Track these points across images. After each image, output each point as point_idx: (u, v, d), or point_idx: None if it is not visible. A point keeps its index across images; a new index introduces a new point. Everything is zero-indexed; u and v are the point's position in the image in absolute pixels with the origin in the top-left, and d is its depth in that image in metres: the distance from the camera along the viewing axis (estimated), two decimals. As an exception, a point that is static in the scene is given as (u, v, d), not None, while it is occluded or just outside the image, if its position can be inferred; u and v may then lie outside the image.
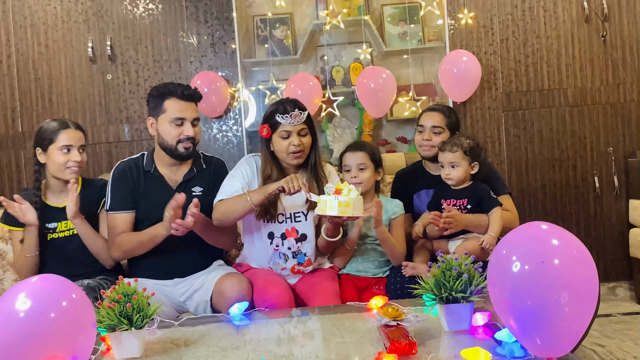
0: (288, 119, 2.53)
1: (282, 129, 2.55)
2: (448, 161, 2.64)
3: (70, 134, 2.69)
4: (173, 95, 2.61)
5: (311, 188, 2.60)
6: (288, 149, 2.55)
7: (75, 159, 2.68)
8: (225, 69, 4.15)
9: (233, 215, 2.51)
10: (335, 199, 2.24)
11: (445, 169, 2.65)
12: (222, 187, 2.60)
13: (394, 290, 2.54)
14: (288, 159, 2.57)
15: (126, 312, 1.78)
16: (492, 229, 2.55)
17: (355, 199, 2.26)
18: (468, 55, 3.89)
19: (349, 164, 2.75)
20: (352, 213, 2.25)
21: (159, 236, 2.53)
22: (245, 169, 2.63)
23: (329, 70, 4.31)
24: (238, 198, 2.49)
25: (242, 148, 4.13)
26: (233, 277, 2.52)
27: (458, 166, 2.63)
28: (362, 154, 2.74)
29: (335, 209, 2.24)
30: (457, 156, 2.62)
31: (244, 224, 2.72)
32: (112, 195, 2.67)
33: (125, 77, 4.12)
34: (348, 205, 2.23)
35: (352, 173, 2.72)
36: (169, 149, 2.63)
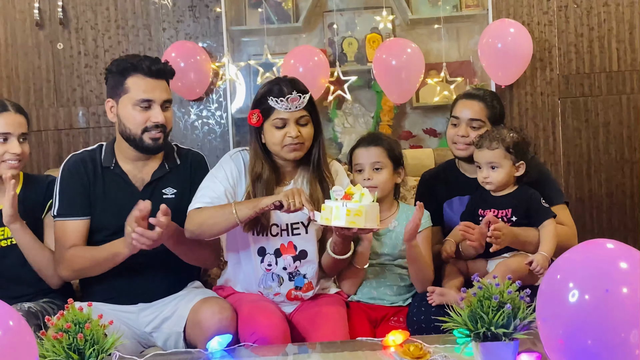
0: (284, 104, 2.53)
1: (277, 116, 2.55)
2: (486, 161, 2.63)
3: (8, 119, 2.70)
4: (137, 71, 2.61)
5: (313, 191, 2.60)
6: (283, 141, 2.55)
7: (14, 151, 2.69)
8: (208, 39, 4.16)
9: (212, 229, 2.51)
10: (344, 206, 2.23)
11: (483, 170, 2.65)
12: (200, 190, 2.60)
13: (417, 322, 2.54)
14: (283, 152, 2.57)
15: (77, 345, 1.78)
16: (543, 247, 2.55)
17: (369, 206, 2.25)
18: (516, 27, 3.89)
19: (361, 162, 2.75)
20: (364, 224, 2.25)
21: (120, 255, 2.53)
22: (230, 167, 2.64)
23: (339, 42, 4.31)
24: (221, 209, 2.48)
25: (226, 139, 4.14)
26: (213, 304, 2.51)
27: (499, 167, 2.63)
28: (378, 150, 2.75)
29: (343, 218, 2.23)
30: (497, 154, 2.62)
31: (228, 237, 2.72)
32: (62, 198, 2.67)
33: (80, 47, 4.13)
34: (359, 214, 2.22)
35: (364, 174, 2.73)
36: (133, 139, 2.63)
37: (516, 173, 2.66)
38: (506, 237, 2.56)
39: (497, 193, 2.68)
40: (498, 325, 1.80)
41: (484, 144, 2.64)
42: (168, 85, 2.69)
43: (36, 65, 4.13)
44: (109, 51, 4.13)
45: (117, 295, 2.65)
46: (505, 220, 2.63)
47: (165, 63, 2.68)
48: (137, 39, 4.14)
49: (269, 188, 2.58)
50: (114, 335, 1.87)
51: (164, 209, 2.41)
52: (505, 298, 1.81)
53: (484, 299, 1.83)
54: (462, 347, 1.91)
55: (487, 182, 2.65)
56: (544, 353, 1.74)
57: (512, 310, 1.80)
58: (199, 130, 4.19)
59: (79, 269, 2.62)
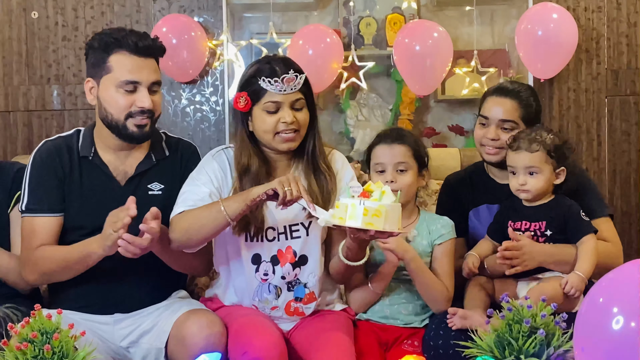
0: (278, 85, 2.52)
1: (269, 99, 2.55)
2: (524, 165, 2.62)
3: None
4: (122, 48, 2.61)
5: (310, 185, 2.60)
6: (276, 128, 2.55)
7: None
8: (204, 13, 4.17)
9: (200, 233, 2.51)
10: (361, 204, 2.21)
11: (519, 176, 2.64)
12: (182, 195, 2.60)
13: (434, 347, 2.54)
14: (275, 142, 2.57)
15: (43, 357, 1.80)
16: (580, 267, 2.54)
17: (390, 206, 2.23)
18: (560, 12, 3.90)
19: (384, 162, 2.74)
20: (382, 226, 2.22)
21: (93, 256, 2.53)
22: (213, 168, 2.64)
23: (355, 22, 4.33)
24: (207, 209, 2.48)
25: (222, 129, 4.16)
26: (200, 317, 2.51)
27: (539, 173, 2.62)
28: (404, 149, 2.74)
29: (359, 218, 2.20)
30: (538, 158, 2.61)
31: (216, 244, 2.72)
32: (31, 190, 2.68)
33: (57, 17, 4.15)
34: (378, 214, 2.20)
35: (387, 175, 2.72)
36: (115, 125, 2.64)
37: (555, 181, 2.65)
38: (531, 258, 2.56)
39: (531, 203, 2.67)
40: (529, 353, 1.80)
41: (522, 145, 2.62)
42: (157, 64, 2.69)
43: (6, 36, 4.15)
44: (90, 23, 4.15)
45: (91, 303, 2.66)
46: (538, 234, 2.63)
47: (155, 39, 2.68)
48: (123, 10, 4.15)
49: (258, 182, 2.56)
50: (86, 348, 1.89)
51: (155, 212, 2.40)
52: (538, 323, 1.82)
53: (514, 322, 1.83)
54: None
55: (523, 190, 2.63)
56: (581, 387, 1.75)
57: (545, 336, 1.81)
58: (191, 118, 4.20)
59: (47, 271, 2.62)
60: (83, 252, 2.55)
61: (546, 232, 2.62)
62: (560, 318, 1.85)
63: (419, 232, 2.76)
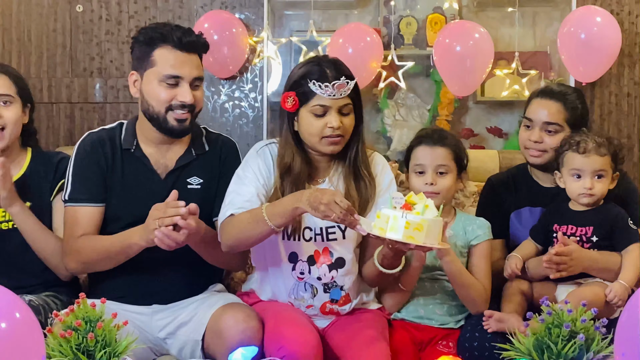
0: (329, 89, 2.51)
1: (317, 102, 2.54)
2: (593, 169, 2.59)
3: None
4: (166, 42, 2.63)
5: (348, 190, 2.61)
6: (322, 132, 2.55)
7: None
8: (246, 10, 4.19)
9: (248, 241, 2.53)
10: (403, 217, 2.20)
11: (586, 179, 2.61)
12: (229, 195, 2.60)
13: (469, 349, 2.53)
14: (320, 145, 2.57)
15: (86, 345, 1.81)
16: (624, 276, 2.53)
17: (432, 221, 2.22)
18: (604, 15, 3.88)
19: (424, 163, 2.73)
20: (423, 241, 2.22)
21: (134, 247, 2.55)
22: (258, 164, 2.64)
23: (395, 21, 4.32)
24: (252, 217, 2.47)
25: (260, 125, 4.17)
26: (237, 311, 2.53)
27: (605, 177, 2.61)
28: (445, 151, 2.73)
29: (400, 231, 2.20)
30: (606, 162, 2.59)
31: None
32: (74, 180, 2.71)
33: (102, 11, 4.19)
34: (420, 228, 2.19)
35: (427, 177, 2.71)
36: (156, 118, 2.66)
37: (611, 186, 2.64)
38: (578, 263, 2.55)
39: (579, 207, 2.66)
40: (568, 357, 1.80)
41: (591, 147, 2.59)
42: (200, 60, 2.71)
43: (51, 29, 4.20)
44: (133, 17, 4.18)
45: (129, 294, 2.68)
46: (584, 240, 2.62)
47: (199, 35, 2.70)
48: (166, 5, 4.18)
49: (300, 184, 2.58)
50: (128, 337, 1.90)
51: (193, 209, 2.41)
52: (577, 327, 1.82)
53: (553, 326, 1.83)
54: (524, 380, 1.91)
55: (589, 195, 2.60)
56: (620, 393, 1.75)
57: (585, 341, 1.80)
58: (229, 114, 4.22)
59: (88, 261, 2.65)
60: (124, 243, 2.57)
61: (592, 238, 2.61)
62: (600, 323, 1.84)
63: (455, 232, 2.75)
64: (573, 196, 2.64)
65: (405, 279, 2.68)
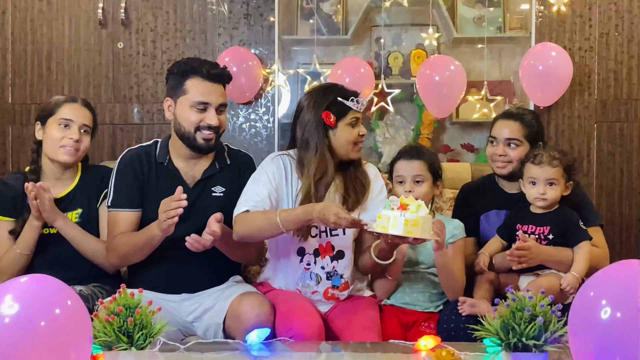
0: (359, 104, 2.62)
1: (353, 116, 2.61)
2: (546, 177, 2.61)
3: (74, 109, 2.77)
4: (197, 74, 2.64)
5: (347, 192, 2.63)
6: (356, 139, 2.62)
7: (73, 136, 2.74)
8: (260, 46, 4.20)
9: (259, 236, 2.58)
10: (402, 216, 2.23)
11: (540, 186, 2.62)
12: (245, 194, 2.61)
13: (447, 330, 2.53)
14: (352, 152, 2.63)
15: (127, 328, 1.82)
16: (576, 268, 2.54)
17: (425, 217, 2.26)
18: (558, 50, 3.88)
19: (403, 174, 2.75)
20: (420, 234, 2.26)
21: (155, 237, 2.55)
22: (272, 170, 2.65)
23: (384, 56, 4.32)
24: (266, 219, 2.48)
25: (272, 142, 4.17)
26: (253, 298, 2.54)
27: (557, 185, 2.61)
28: (420, 164, 2.75)
29: (400, 227, 2.23)
30: (557, 172, 2.60)
31: (268, 236, 2.74)
32: (116, 190, 2.72)
33: (139, 47, 4.20)
34: (417, 224, 2.23)
35: (406, 186, 2.73)
36: (187, 137, 2.66)
37: (564, 193, 2.64)
38: (535, 257, 2.56)
39: (538, 210, 2.66)
40: (529, 336, 1.80)
41: (545, 160, 2.61)
42: (224, 89, 2.72)
43: (97, 62, 4.21)
44: (166, 53, 4.19)
45: (162, 285, 2.68)
46: (542, 238, 2.62)
47: (224, 68, 2.71)
48: (193, 43, 4.19)
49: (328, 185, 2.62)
50: (162, 321, 1.91)
51: (218, 217, 2.43)
52: (537, 311, 1.82)
53: (517, 310, 1.83)
54: (493, 356, 1.91)
55: (542, 199, 2.62)
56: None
57: (543, 323, 1.81)
58: (247, 133, 4.23)
59: (124, 254, 2.66)
60: (148, 236, 2.58)
61: (549, 236, 2.62)
62: (556, 308, 1.84)
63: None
64: (530, 200, 2.66)
65: (392, 270, 2.69)
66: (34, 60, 4.22)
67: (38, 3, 4.20)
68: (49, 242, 2.78)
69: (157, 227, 2.50)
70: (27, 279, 1.64)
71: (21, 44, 4.22)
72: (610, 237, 3.92)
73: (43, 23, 4.21)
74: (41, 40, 4.21)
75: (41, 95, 4.16)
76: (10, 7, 4.20)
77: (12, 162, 4.20)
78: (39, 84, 4.21)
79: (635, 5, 4.03)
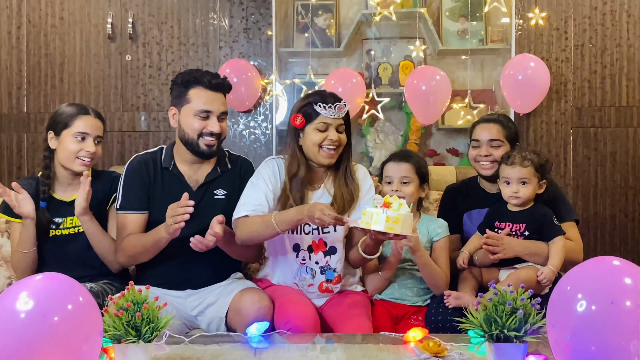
0: (331, 110, 2.56)
1: (321, 121, 2.57)
2: (517, 177, 2.61)
3: (88, 122, 2.75)
4: (199, 84, 2.64)
5: (338, 193, 2.63)
6: (322, 142, 2.58)
7: (89, 149, 2.73)
8: (259, 58, 4.20)
9: (259, 239, 2.58)
10: (383, 213, 2.24)
11: (512, 185, 2.63)
12: (243, 198, 2.62)
13: (434, 322, 2.53)
14: (319, 155, 2.60)
15: (135, 322, 1.81)
16: (552, 262, 2.54)
17: (406, 215, 2.26)
18: (536, 61, 3.89)
19: (391, 175, 2.76)
20: (400, 230, 2.26)
21: (162, 239, 2.55)
22: (267, 174, 2.65)
23: (375, 67, 4.33)
24: (263, 223, 2.50)
25: (270, 148, 4.18)
26: (253, 294, 2.54)
27: (528, 183, 2.61)
28: (407, 166, 2.76)
29: (382, 223, 2.24)
30: (528, 171, 2.60)
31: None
32: (124, 193, 2.71)
33: (146, 60, 4.20)
34: (397, 221, 2.24)
35: (393, 186, 2.74)
36: (190, 143, 2.66)
37: (538, 191, 2.64)
38: (509, 248, 2.57)
39: (514, 208, 2.66)
40: (510, 328, 1.79)
41: (517, 161, 2.61)
42: (225, 98, 2.71)
43: (106, 74, 4.21)
44: (170, 64, 4.19)
45: (168, 281, 2.68)
46: (518, 234, 2.62)
47: (224, 78, 2.70)
48: (196, 55, 4.19)
49: (302, 187, 2.62)
50: (167, 316, 1.90)
51: (220, 219, 2.43)
52: (518, 304, 1.81)
53: (499, 304, 1.82)
54: (477, 347, 1.91)
55: (515, 197, 2.63)
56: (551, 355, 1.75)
57: (523, 315, 1.80)
58: (246, 139, 4.23)
59: (132, 254, 2.65)
60: (155, 238, 2.57)
61: (525, 233, 2.62)
62: (536, 301, 1.84)
63: (420, 231, 2.76)
64: (505, 198, 2.67)
65: (385, 271, 2.71)
66: (47, 72, 4.21)
67: (51, 18, 4.20)
68: (61, 243, 2.77)
69: (164, 230, 2.50)
70: (41, 277, 1.65)
71: (35, 57, 4.21)
72: (585, 234, 3.96)
73: (55, 37, 4.21)
74: (54, 53, 4.21)
75: (54, 105, 4.16)
76: (25, 22, 4.20)
77: (28, 167, 4.20)
78: (52, 94, 4.21)
79: (608, 19, 4.04)
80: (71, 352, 1.56)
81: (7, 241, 2.99)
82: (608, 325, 1.49)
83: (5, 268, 3.03)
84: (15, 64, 4.22)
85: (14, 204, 2.66)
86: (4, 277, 3.03)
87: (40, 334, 1.52)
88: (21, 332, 1.51)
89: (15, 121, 4.22)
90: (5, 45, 4.21)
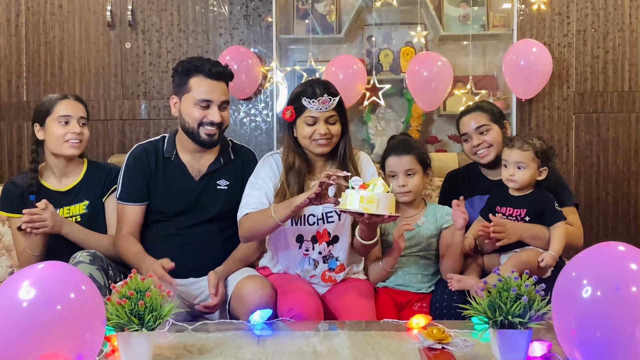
0: (315, 104, 2.53)
1: (308, 114, 2.55)
2: (515, 160, 2.60)
3: (69, 104, 2.75)
4: (200, 73, 2.61)
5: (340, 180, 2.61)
6: (312, 136, 2.56)
7: (75, 130, 2.73)
8: (259, 45, 4.18)
9: (260, 232, 2.56)
10: (357, 193, 2.22)
11: (510, 168, 2.62)
12: (245, 198, 2.61)
13: (439, 308, 2.54)
14: (312, 146, 2.58)
15: (138, 310, 1.80)
16: (553, 247, 2.53)
17: (382, 195, 2.22)
18: (538, 46, 3.87)
19: (395, 170, 2.74)
20: (376, 210, 2.23)
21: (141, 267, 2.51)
22: (266, 171, 2.65)
23: (376, 53, 4.31)
24: (262, 215, 2.49)
25: (271, 135, 4.16)
26: (256, 281, 2.53)
27: (525, 168, 2.60)
28: (410, 158, 2.73)
29: (356, 204, 2.22)
30: (526, 156, 2.59)
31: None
32: (124, 184, 2.71)
33: (145, 47, 4.18)
34: (371, 201, 2.21)
35: (399, 181, 2.71)
36: (191, 132, 2.65)
37: (538, 177, 2.63)
38: (512, 233, 2.55)
39: (516, 193, 2.65)
40: (514, 314, 1.79)
41: (516, 144, 2.60)
42: (227, 87, 2.69)
43: (106, 62, 4.19)
44: (170, 52, 4.17)
45: (172, 270, 2.64)
46: (519, 219, 2.62)
47: (226, 66, 2.68)
48: (196, 42, 4.17)
49: (301, 177, 2.60)
50: (171, 304, 1.89)
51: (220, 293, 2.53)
52: (522, 291, 1.81)
53: (503, 290, 1.82)
54: (480, 333, 1.90)
55: (511, 180, 2.62)
56: (556, 342, 1.74)
57: (528, 302, 1.80)
58: (247, 127, 4.22)
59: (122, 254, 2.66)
60: (135, 263, 2.56)
61: (525, 218, 2.61)
62: (540, 287, 1.84)
63: (427, 218, 2.76)
64: (503, 181, 2.67)
65: (386, 261, 2.68)
66: (46, 60, 4.20)
67: (50, 6, 4.18)
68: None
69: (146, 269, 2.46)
70: (43, 265, 1.64)
71: (34, 45, 4.19)
72: (588, 220, 3.96)
73: (55, 25, 4.18)
74: (53, 41, 4.19)
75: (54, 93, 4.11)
76: (23, 10, 4.18)
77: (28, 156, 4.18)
78: (52, 82, 4.19)
79: (610, 3, 4.02)
80: (74, 341, 1.55)
81: (7, 230, 2.99)
82: (613, 311, 1.48)
83: (7, 257, 3.03)
84: (14, 52, 4.20)
85: (40, 225, 2.58)
86: (6, 266, 3.04)
87: (43, 323, 1.51)
88: (23, 321, 1.50)
89: (15, 110, 4.21)
90: (4, 33, 4.18)
